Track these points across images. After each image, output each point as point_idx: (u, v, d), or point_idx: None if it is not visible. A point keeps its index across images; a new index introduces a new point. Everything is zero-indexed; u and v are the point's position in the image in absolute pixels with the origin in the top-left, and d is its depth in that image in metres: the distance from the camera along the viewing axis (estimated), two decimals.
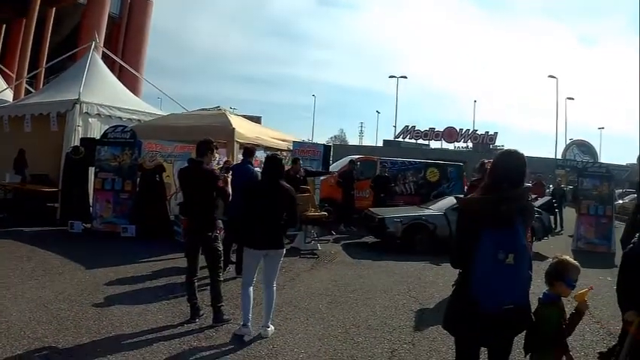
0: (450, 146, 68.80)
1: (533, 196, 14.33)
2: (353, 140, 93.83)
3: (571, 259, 3.68)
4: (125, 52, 30.70)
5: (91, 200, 11.88)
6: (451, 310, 3.45)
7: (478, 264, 3.14)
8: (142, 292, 7.10)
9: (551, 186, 23.95)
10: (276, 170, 5.63)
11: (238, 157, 9.12)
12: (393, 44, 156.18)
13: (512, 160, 3.35)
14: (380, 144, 71.56)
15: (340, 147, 56.08)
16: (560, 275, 3.56)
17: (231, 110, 12.90)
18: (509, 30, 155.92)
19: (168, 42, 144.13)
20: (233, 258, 8.18)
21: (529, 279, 3.30)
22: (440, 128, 67.44)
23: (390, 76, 70.65)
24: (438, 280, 8.76)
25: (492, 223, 3.14)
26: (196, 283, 6.04)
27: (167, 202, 11.36)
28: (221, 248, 6.10)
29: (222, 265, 6.13)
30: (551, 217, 13.24)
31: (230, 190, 6.01)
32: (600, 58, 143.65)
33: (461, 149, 69.19)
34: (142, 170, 11.20)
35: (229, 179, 6.46)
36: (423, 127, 68.00)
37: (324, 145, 13.97)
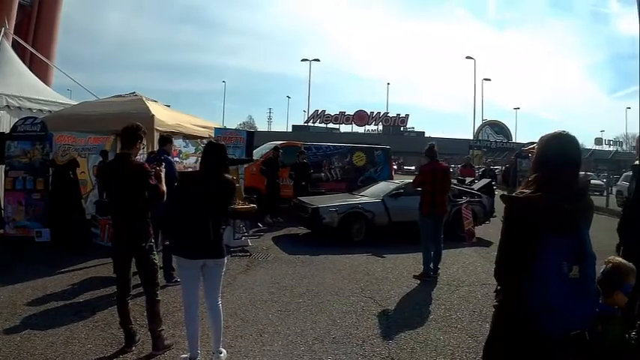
0: (361, 130, 69.38)
1: (469, 180, 14.09)
2: (262, 126, 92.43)
3: (626, 262, 2.97)
4: (36, 42, 27.95)
5: (2, 203, 10.16)
6: (500, 338, 2.61)
7: (537, 279, 2.37)
8: (64, 312, 5.88)
9: (481, 167, 24.03)
10: (218, 160, 4.51)
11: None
12: (306, 29, 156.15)
13: (566, 146, 2.58)
14: (290, 129, 70.72)
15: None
16: (619, 283, 2.84)
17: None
18: (429, 15, 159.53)
19: (79, 32, 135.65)
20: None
21: (597, 295, 2.55)
22: (351, 112, 67.65)
23: (302, 60, 69.96)
24: (388, 275, 8.09)
25: (554, 227, 2.37)
26: (130, 304, 4.91)
27: (82, 201, 9.92)
28: (157, 260, 4.97)
29: (158, 281, 5.00)
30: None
31: (164, 188, 4.85)
32: (516, 40, 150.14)
33: (371, 132, 70.01)
34: (55, 166, 9.69)
35: (162, 174, 5.31)
36: (334, 111, 68.06)
37: (246, 131, 12.89)
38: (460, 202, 11.56)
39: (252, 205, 10.53)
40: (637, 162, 5.31)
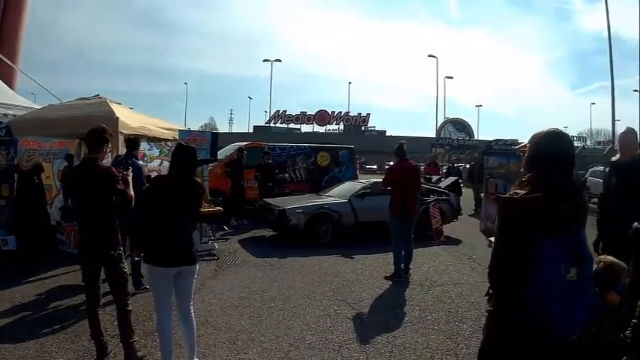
0: (322, 129, 69.39)
1: (436, 178, 14.11)
2: (223, 128, 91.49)
3: (618, 261, 2.90)
4: (0, 45, 27.00)
5: None
6: (495, 345, 2.50)
7: (533, 283, 2.28)
8: (33, 324, 5.56)
9: (444, 165, 24.07)
10: (189, 163, 4.30)
11: (124, 150, 7.68)
12: (266, 30, 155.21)
13: (561, 144, 2.49)
14: (251, 130, 70.22)
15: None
16: (612, 283, 2.78)
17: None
18: (390, 15, 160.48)
19: (42, 36, 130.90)
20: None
21: (596, 297, 2.47)
22: (312, 112, 67.61)
23: (264, 60, 69.29)
24: (359, 277, 7.96)
25: (551, 228, 2.28)
26: (100, 314, 4.64)
27: (47, 207, 9.48)
28: (127, 269, 4.72)
29: (129, 290, 4.75)
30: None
31: (132, 193, 4.60)
32: (477, 37, 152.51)
33: (332, 132, 70.08)
34: (19, 172, 9.22)
35: (130, 178, 5.05)
36: (295, 111, 67.93)
37: (211, 132, 12.59)
38: (427, 200, 11.54)
39: (218, 207, 10.27)
40: (614, 158, 5.30)
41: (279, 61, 72.16)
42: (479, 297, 6.86)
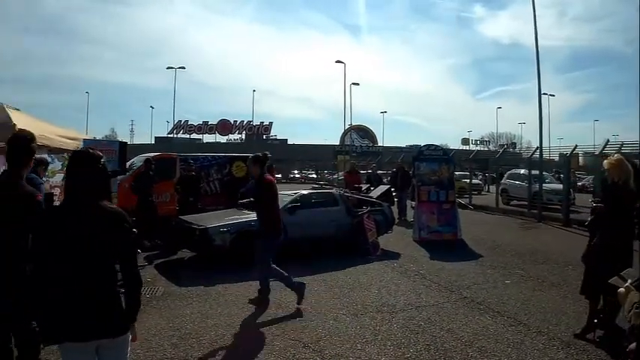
0: (224, 139, 67.80)
1: (365, 187, 13.33)
2: (124, 139, 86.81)
3: None
4: None
5: None
6: None
7: None
8: None
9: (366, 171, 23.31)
10: (96, 180, 2.86)
11: None
12: (169, 39, 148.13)
13: None
14: (153, 141, 67.02)
15: None
16: None
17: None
18: (293, 23, 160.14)
19: None
20: None
21: None
22: (214, 121, 65.89)
23: (167, 67, 65.93)
24: (307, 308, 6.80)
25: None
26: None
27: None
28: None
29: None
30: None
31: None
32: (383, 45, 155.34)
33: (234, 141, 68.57)
34: None
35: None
36: (197, 121, 65.99)
37: (119, 142, 11.03)
38: (360, 212, 10.71)
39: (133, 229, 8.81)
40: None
41: (183, 68, 69.50)
42: (449, 322, 6.08)
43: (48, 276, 2.72)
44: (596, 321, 5.39)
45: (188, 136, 66.60)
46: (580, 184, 28.06)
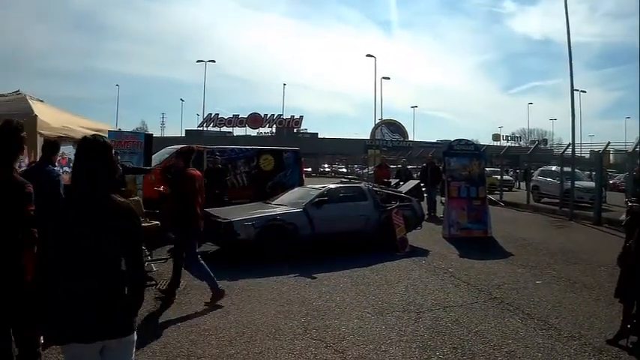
0: (254, 132, 68.11)
1: (394, 182, 13.09)
2: (155, 132, 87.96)
3: None
4: None
5: None
6: None
7: None
8: None
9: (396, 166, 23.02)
10: (102, 171, 2.70)
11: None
12: (200, 33, 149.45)
13: None
14: (183, 134, 67.57)
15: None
16: None
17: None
18: (324, 19, 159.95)
19: None
20: None
21: None
22: (244, 115, 66.18)
23: (197, 61, 66.22)
24: (329, 304, 6.67)
25: None
26: None
27: None
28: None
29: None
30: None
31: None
32: (413, 40, 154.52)
33: (264, 135, 68.78)
34: None
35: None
36: (228, 114, 66.36)
37: (145, 134, 10.99)
38: (389, 207, 10.46)
39: (156, 222, 8.81)
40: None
41: (214, 61, 69.51)
42: (478, 324, 5.84)
43: (55, 270, 2.60)
44: (629, 326, 5.13)
45: (218, 129, 66.99)
46: (611, 182, 27.20)
